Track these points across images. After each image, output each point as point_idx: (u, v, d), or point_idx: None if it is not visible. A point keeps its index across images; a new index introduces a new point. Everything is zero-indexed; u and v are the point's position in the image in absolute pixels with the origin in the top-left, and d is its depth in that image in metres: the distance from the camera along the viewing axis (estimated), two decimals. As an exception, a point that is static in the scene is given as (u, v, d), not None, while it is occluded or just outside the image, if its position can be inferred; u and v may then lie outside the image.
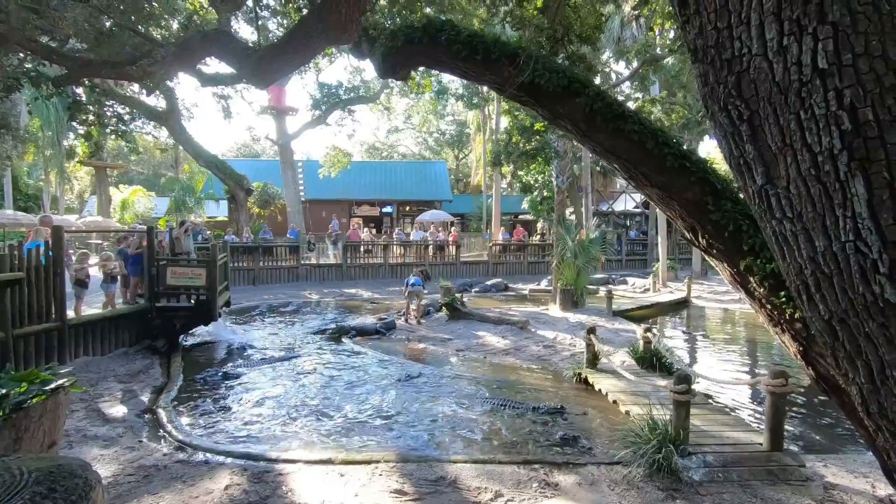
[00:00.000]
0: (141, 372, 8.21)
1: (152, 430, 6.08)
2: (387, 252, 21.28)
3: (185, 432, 6.02)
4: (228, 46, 5.48)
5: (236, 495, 4.36)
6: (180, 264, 10.29)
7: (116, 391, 7.20)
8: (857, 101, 1.01)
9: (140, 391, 7.33)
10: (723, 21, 1.16)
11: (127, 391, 7.26)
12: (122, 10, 6.26)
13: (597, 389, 7.59)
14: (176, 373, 8.43)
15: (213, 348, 10.52)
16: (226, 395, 7.53)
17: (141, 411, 6.61)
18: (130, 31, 6.38)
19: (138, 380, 7.84)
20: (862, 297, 1.06)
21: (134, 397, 7.08)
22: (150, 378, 8.00)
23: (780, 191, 1.16)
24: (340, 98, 25.38)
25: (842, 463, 5.24)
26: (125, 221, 25.05)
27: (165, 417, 6.38)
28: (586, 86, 4.70)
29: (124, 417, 6.30)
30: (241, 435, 6.11)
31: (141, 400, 7.01)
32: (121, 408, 6.60)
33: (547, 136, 13.68)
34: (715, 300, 16.49)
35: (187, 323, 10.23)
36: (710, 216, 3.74)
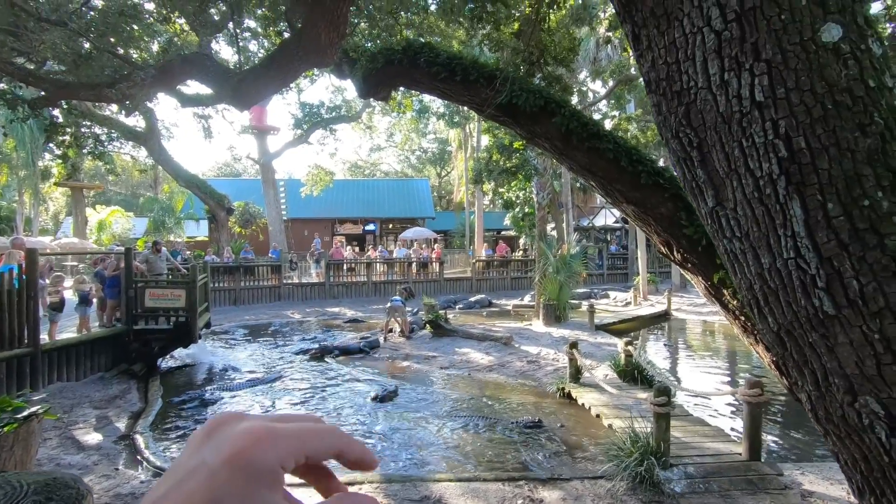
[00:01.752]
0: (117, 397, 8.02)
1: (129, 457, 5.93)
2: (370, 270, 21.22)
3: (164, 458, 5.88)
4: (209, 69, 5.53)
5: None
6: (159, 286, 10.13)
7: (91, 418, 7.01)
8: (791, 131, 1.10)
9: (116, 417, 7.15)
10: (672, 56, 1.26)
11: (102, 417, 7.08)
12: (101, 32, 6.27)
13: (580, 403, 7.65)
14: (154, 397, 8.25)
15: (193, 371, 10.32)
16: (206, 419, 7.38)
17: (117, 438, 6.44)
18: (109, 54, 6.39)
19: (115, 405, 7.65)
20: (804, 309, 1.14)
21: (110, 423, 6.90)
22: (127, 403, 7.81)
23: (729, 212, 1.24)
24: (322, 117, 25.48)
25: (818, 470, 5.35)
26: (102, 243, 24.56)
27: (143, 443, 6.23)
28: (562, 106, 4.85)
29: (100, 445, 6.14)
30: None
31: (117, 426, 6.83)
32: (96, 435, 6.43)
33: (526, 154, 13.93)
34: (694, 312, 16.77)
35: (166, 345, 10.04)
36: (683, 231, 3.85)
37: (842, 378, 1.11)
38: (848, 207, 1.06)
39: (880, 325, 1.04)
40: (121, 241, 22.15)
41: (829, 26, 1.08)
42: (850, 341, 1.08)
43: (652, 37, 1.29)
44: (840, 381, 1.11)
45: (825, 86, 1.08)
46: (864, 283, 1.05)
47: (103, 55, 6.17)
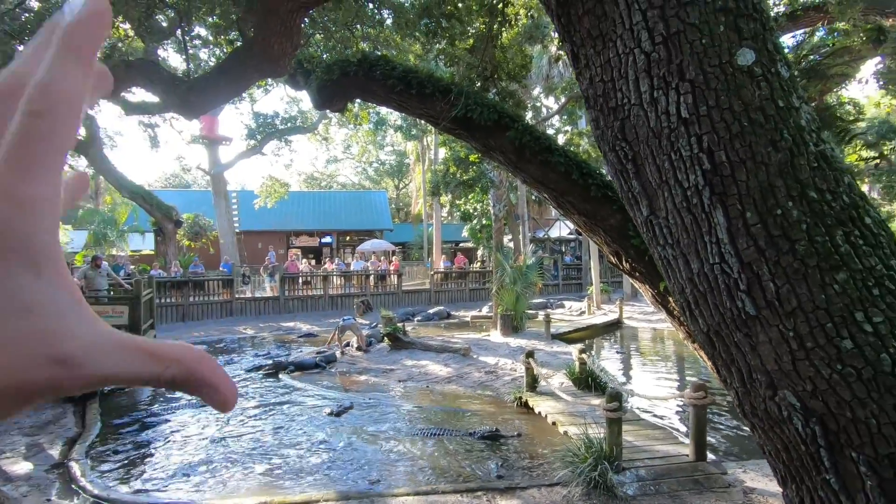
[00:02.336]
0: (51, 423, 7.47)
1: (63, 486, 5.53)
2: (327, 283, 20.84)
3: (103, 486, 5.52)
4: (155, 76, 5.34)
5: (160, 550, 4.05)
6: (99, 302, 9.58)
7: (21, 446, 6.50)
8: (713, 146, 1.20)
9: (49, 444, 6.67)
10: (607, 75, 1.34)
11: (33, 445, 6.58)
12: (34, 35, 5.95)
13: (537, 412, 7.76)
14: (92, 421, 7.74)
15: (136, 392, 9.76)
16: (150, 443, 7.00)
17: (50, 466, 6.00)
18: (46, 58, 6.05)
19: (47, 431, 7.13)
20: (729, 311, 1.23)
21: (42, 451, 6.42)
22: (61, 429, 7.29)
23: (661, 221, 1.33)
24: (277, 128, 25.00)
25: (759, 468, 5.64)
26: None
27: (79, 471, 5.82)
28: (515, 120, 4.99)
29: (30, 474, 5.69)
30: (168, 484, 5.69)
31: (50, 454, 6.37)
32: (26, 464, 5.97)
33: (483, 167, 14.16)
34: (645, 320, 17.40)
35: (106, 366, 9.47)
36: (631, 241, 4.01)
37: (763, 374, 1.19)
38: (764, 216, 1.16)
39: (794, 323, 1.14)
40: (57, 256, 20.76)
41: (744, 51, 1.19)
42: (770, 339, 1.17)
43: (589, 56, 1.37)
44: (762, 377, 1.20)
45: (742, 104, 1.18)
46: (779, 286, 1.15)
47: (39, 59, 5.84)
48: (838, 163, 1.24)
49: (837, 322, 1.12)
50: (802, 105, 1.24)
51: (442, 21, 6.56)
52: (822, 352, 1.12)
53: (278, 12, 4.72)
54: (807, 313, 1.14)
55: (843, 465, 1.13)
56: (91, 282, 10.22)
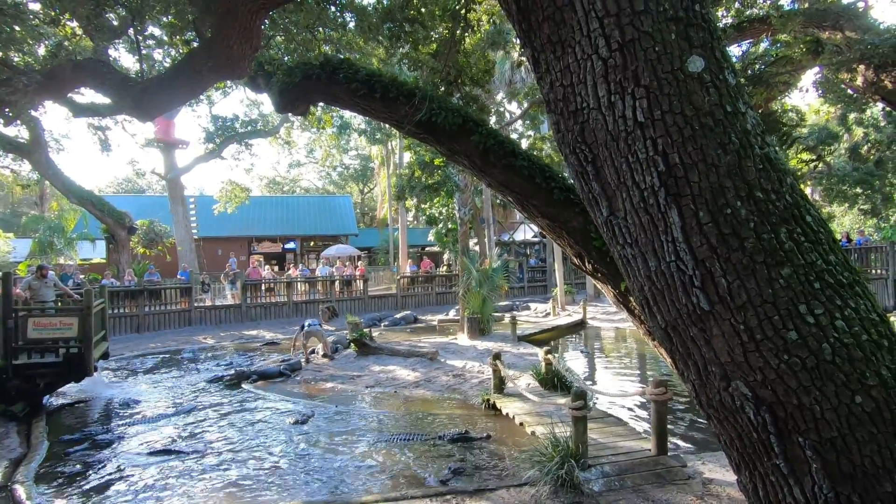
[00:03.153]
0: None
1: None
2: (290, 289, 20.42)
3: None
4: (105, 77, 5.11)
5: (115, 573, 3.85)
6: (46, 314, 9.06)
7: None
8: (668, 148, 1.25)
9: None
10: (567, 79, 1.38)
11: (-28, 468, 6.14)
12: (-27, 32, 5.60)
13: (504, 413, 7.82)
14: (38, 440, 7.30)
15: (87, 408, 9.28)
16: (102, 462, 6.66)
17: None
18: (-16, 56, 5.71)
19: (-12, 453, 6.68)
20: (685, 306, 1.28)
21: (-19, 474, 6.00)
22: (4, 450, 6.85)
23: (620, 221, 1.38)
24: (236, 131, 24.39)
25: (716, 459, 5.86)
26: (-27, 268, 21.54)
27: (24, 494, 5.48)
28: (480, 125, 5.04)
29: (-32, 500, 5.32)
30: (127, 500, 5.42)
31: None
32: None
33: (448, 171, 14.22)
34: (608, 320, 17.84)
35: (55, 381, 8.96)
36: (594, 243, 4.11)
37: (717, 366, 1.25)
38: (715, 215, 1.22)
39: (744, 317, 1.20)
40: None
41: (694, 58, 1.25)
42: (722, 333, 1.23)
43: (549, 61, 1.40)
44: (716, 369, 1.26)
45: (693, 109, 1.24)
46: (730, 281, 1.21)
47: (-25, 57, 5.51)
48: (782, 164, 1.32)
49: (783, 314, 1.18)
50: (748, 110, 1.31)
51: (405, 25, 6.56)
52: (771, 343, 1.19)
53: (237, 13, 4.61)
54: (756, 307, 1.20)
55: (791, 451, 1.20)
56: (36, 293, 9.66)
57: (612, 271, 3.93)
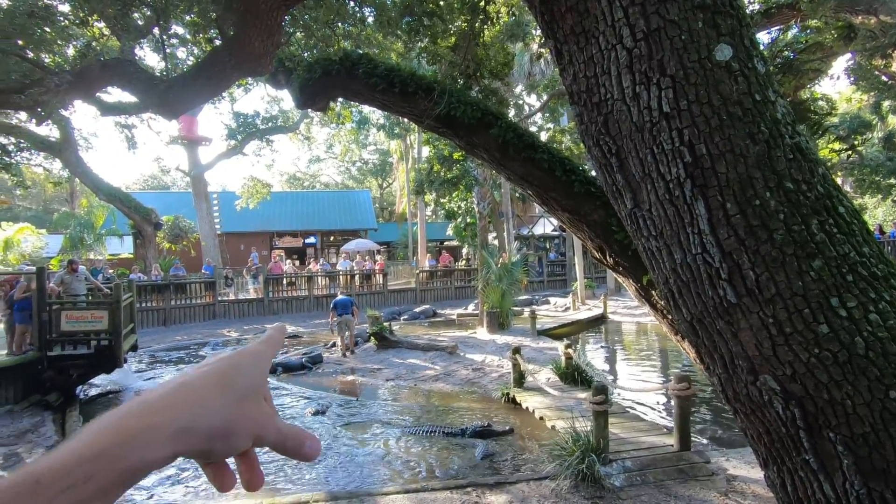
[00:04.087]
0: (29, 431, 7.30)
1: (44, 496, 5.41)
2: (311, 284, 20.67)
3: (85, 494, 5.42)
4: (132, 76, 5.24)
5: (147, 557, 3.99)
6: (77, 307, 9.36)
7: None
8: (694, 139, 1.23)
9: (28, 454, 6.51)
10: (590, 70, 1.36)
11: (11, 455, 6.42)
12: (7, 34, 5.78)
13: (524, 407, 7.81)
14: (73, 429, 7.57)
15: (118, 398, 9.60)
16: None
17: (29, 476, 5.85)
18: (18, 57, 5.90)
19: (25, 440, 6.97)
20: (711, 299, 1.26)
21: (20, 461, 6.27)
22: (40, 438, 7.13)
23: (645, 213, 1.36)
24: (258, 128, 24.70)
25: (741, 456, 5.77)
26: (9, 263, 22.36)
27: (60, 480, 5.70)
28: (499, 118, 5.01)
29: (8, 485, 5.55)
30: (154, 491, 5.60)
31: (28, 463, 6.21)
32: (1, 475, 5.82)
33: (466, 165, 14.18)
34: (628, 315, 17.63)
35: (87, 372, 9.27)
36: (615, 236, 4.06)
37: (745, 360, 1.23)
38: (743, 207, 1.20)
39: (773, 310, 1.18)
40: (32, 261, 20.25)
41: (722, 47, 1.23)
42: (750, 326, 1.21)
43: (572, 52, 1.39)
44: (743, 363, 1.24)
45: (720, 99, 1.22)
46: (759, 274, 1.19)
47: (10, 58, 5.69)
48: (813, 154, 1.28)
49: (814, 308, 1.16)
50: (778, 99, 1.28)
51: (424, 19, 6.54)
52: (801, 337, 1.16)
53: (258, 10, 4.67)
54: (785, 300, 1.18)
55: (821, 446, 1.18)
56: (69, 286, 9.99)
57: (634, 265, 3.88)
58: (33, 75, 5.79)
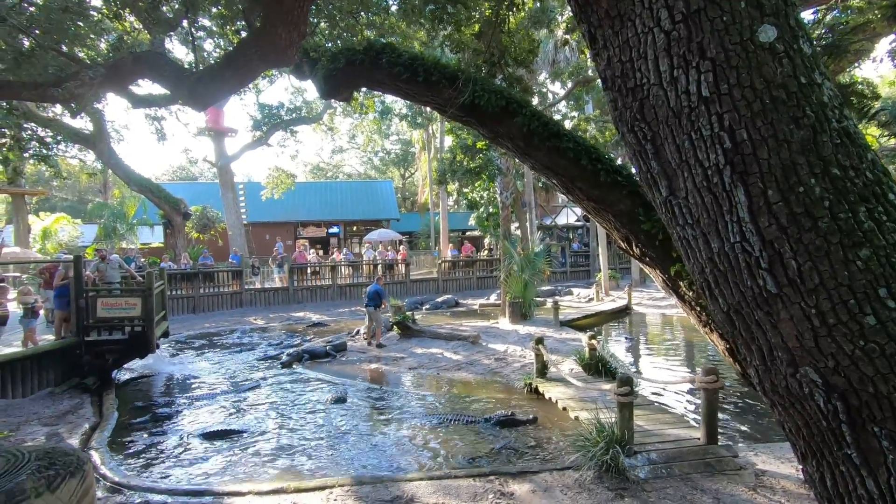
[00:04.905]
0: (69, 412, 7.63)
1: (84, 474, 5.65)
2: (335, 273, 20.94)
3: (122, 473, 5.65)
4: (162, 68, 5.34)
5: (181, 534, 4.15)
6: (112, 294, 9.70)
7: (41, 435, 6.65)
8: (735, 124, 1.19)
9: (69, 433, 6.81)
10: (626, 55, 1.33)
11: (53, 434, 6.72)
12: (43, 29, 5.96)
13: (547, 398, 7.80)
14: (110, 411, 7.89)
15: (151, 382, 9.93)
16: (166, 432, 7.13)
17: (71, 455, 6.13)
18: (53, 52, 6.08)
19: (66, 421, 7.28)
20: (750, 289, 1.23)
21: (61, 441, 6.56)
22: (80, 418, 7.44)
23: (681, 201, 1.33)
24: (282, 119, 24.99)
25: (770, 451, 5.66)
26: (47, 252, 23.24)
27: (99, 459, 5.96)
28: (523, 106, 4.94)
29: (51, 462, 5.83)
30: (185, 473, 5.81)
31: (70, 443, 6.50)
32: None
33: (490, 154, 14.08)
34: (654, 306, 17.35)
35: (121, 357, 9.62)
36: (641, 226, 3.98)
37: (784, 351, 1.20)
38: (786, 194, 1.16)
39: (816, 300, 1.14)
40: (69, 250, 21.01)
41: (766, 27, 1.18)
42: (791, 317, 1.17)
43: (607, 36, 1.36)
44: (783, 355, 1.21)
45: (763, 82, 1.17)
46: (801, 263, 1.15)
47: (47, 53, 5.87)
48: (861, 139, 1.23)
49: (860, 298, 1.12)
50: (825, 82, 1.23)
51: (447, 6, 6.49)
52: (845, 328, 1.13)
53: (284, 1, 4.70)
54: (829, 290, 1.14)
55: (864, 440, 1.14)
56: (104, 274, 10.36)
57: (661, 255, 3.80)
58: (68, 69, 5.96)
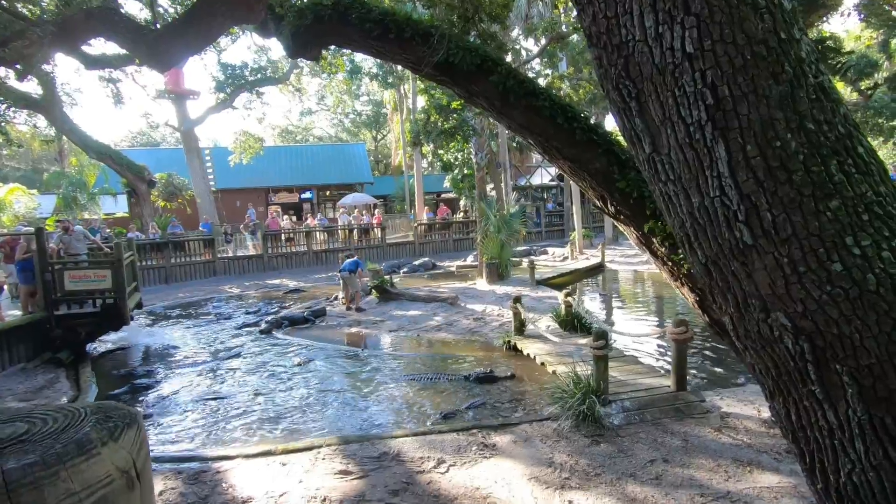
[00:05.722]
0: (45, 387, 7.52)
1: (67, 446, 5.64)
2: (309, 239, 20.71)
3: (107, 443, 5.65)
4: (118, 25, 5.02)
5: (172, 499, 4.22)
6: (80, 267, 9.40)
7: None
8: (717, 80, 1.22)
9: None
10: (611, 10, 1.33)
11: (31, 409, 6.63)
12: (-20, -18, 5.49)
13: (525, 354, 8.05)
14: (87, 384, 7.81)
15: (128, 354, 9.82)
16: (147, 402, 7.12)
17: (51, 428, 6.08)
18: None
19: (43, 396, 7.19)
20: (728, 241, 1.29)
21: (41, 414, 6.48)
22: (56, 392, 7.35)
23: (664, 157, 1.37)
24: (246, 80, 23.96)
25: (734, 395, 6.03)
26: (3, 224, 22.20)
27: (81, 431, 5.93)
28: (499, 64, 4.86)
29: (32, 437, 5.78)
30: (170, 440, 5.85)
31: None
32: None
33: (464, 114, 13.88)
34: (626, 263, 17.84)
35: (95, 330, 9.44)
36: (616, 185, 4.04)
37: (758, 299, 1.28)
38: (763, 148, 1.21)
39: (788, 250, 1.21)
40: (28, 222, 20.11)
41: (748, -19, 1.19)
42: (765, 266, 1.24)
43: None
44: (756, 302, 1.28)
45: (745, 38, 1.20)
46: (776, 215, 1.21)
47: (-13, 10, 5.43)
48: (835, 94, 1.28)
49: (829, 247, 1.19)
50: (803, 37, 1.26)
51: (419, -42, 6.22)
52: (814, 275, 1.20)
53: (246, -49, 4.43)
54: (801, 240, 1.21)
55: (827, 377, 1.24)
56: (68, 246, 10.00)
57: (635, 213, 3.89)
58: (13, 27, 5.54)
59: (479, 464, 4.58)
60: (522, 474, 4.35)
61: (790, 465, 4.26)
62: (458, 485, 4.23)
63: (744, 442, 4.79)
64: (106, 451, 0.91)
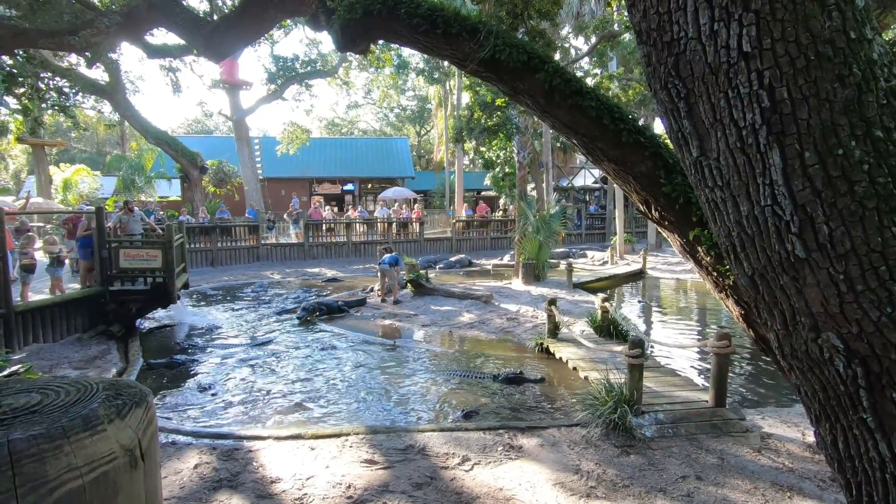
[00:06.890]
0: (97, 357, 7.98)
1: (114, 415, 5.96)
2: (349, 230, 21.08)
3: (150, 415, 5.94)
4: (178, 17, 5.24)
5: (206, 473, 4.39)
6: (134, 246, 9.92)
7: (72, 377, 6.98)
8: (775, 81, 1.15)
9: (97, 377, 7.14)
10: (663, 6, 1.27)
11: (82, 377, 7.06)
12: (57, -26, 5.85)
13: (558, 357, 7.93)
14: (135, 357, 8.23)
15: (173, 332, 10.29)
16: (188, 378, 7.44)
17: (101, 396, 6.45)
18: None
19: (94, 365, 7.63)
20: (777, 254, 1.21)
21: (92, 383, 6.89)
22: (107, 363, 7.79)
23: (712, 162, 1.30)
24: (297, 72, 24.57)
25: (777, 415, 5.73)
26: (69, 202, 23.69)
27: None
28: (545, 62, 4.77)
29: (83, 403, 6.15)
30: (208, 416, 6.09)
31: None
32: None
33: (508, 112, 13.76)
34: (668, 271, 17.26)
35: (144, 307, 9.94)
36: (662, 189, 3.91)
37: (808, 316, 1.20)
38: (823, 156, 1.12)
39: (845, 266, 1.13)
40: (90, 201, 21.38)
41: (816, -23, 1.11)
42: (818, 282, 1.16)
43: (644, -15, 1.29)
44: (806, 320, 1.20)
45: (809, 37, 1.12)
46: (833, 228, 1.13)
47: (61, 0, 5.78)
48: (909, 100, 1.18)
49: (892, 265, 1.10)
50: (876, 37, 1.16)
51: (470, -47, 6.19)
52: (873, 295, 1.12)
53: (301, -55, 4.52)
54: (860, 256, 1.12)
55: (881, 405, 1.15)
56: (126, 226, 10.56)
57: (680, 219, 3.75)
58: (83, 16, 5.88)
59: (504, 464, 4.54)
60: (548, 479, 4.28)
61: (835, 493, 4.02)
62: (482, 483, 4.21)
63: (785, 465, 4.55)
64: (112, 428, 0.92)
